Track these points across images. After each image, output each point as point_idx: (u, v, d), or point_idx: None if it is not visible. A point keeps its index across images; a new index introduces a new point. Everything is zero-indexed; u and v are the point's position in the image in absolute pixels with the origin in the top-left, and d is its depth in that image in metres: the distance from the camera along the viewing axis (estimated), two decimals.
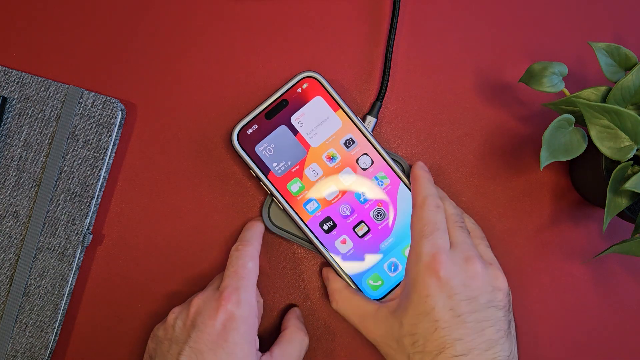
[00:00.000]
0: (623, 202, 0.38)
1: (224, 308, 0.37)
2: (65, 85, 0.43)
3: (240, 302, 0.37)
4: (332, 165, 0.42)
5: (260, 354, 0.38)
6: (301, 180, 0.42)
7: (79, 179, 0.42)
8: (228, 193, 0.44)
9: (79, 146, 0.42)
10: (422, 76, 0.46)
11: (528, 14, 0.47)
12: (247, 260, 0.39)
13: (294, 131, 0.42)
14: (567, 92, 0.41)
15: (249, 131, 0.42)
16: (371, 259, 0.42)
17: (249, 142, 0.42)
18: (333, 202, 0.42)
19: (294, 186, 0.42)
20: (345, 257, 0.42)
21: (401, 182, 0.43)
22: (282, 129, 0.42)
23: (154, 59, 0.45)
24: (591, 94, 0.40)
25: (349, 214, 0.42)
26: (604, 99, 0.39)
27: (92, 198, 0.42)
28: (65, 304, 0.42)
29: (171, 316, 0.39)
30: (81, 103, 0.42)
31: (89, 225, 0.42)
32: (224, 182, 0.44)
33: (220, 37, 0.45)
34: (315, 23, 0.46)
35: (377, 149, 0.43)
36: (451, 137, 0.46)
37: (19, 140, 0.42)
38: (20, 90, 0.43)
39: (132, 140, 0.44)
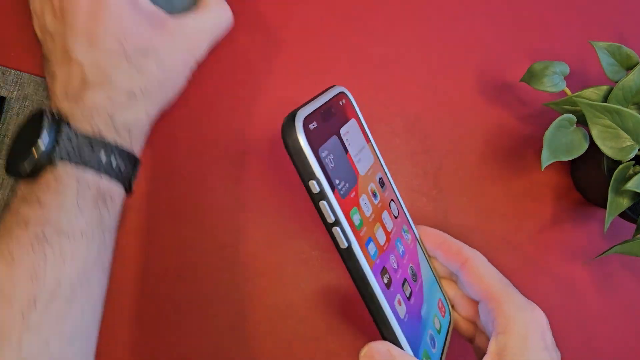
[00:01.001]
0: (624, 202, 0.38)
1: None
2: None
3: None
4: (376, 204, 0.32)
5: (164, 16, 0.35)
6: (359, 212, 0.30)
7: None
8: (228, 192, 0.44)
9: None
10: (423, 76, 0.46)
11: (529, 14, 0.47)
12: None
13: (345, 148, 0.31)
14: (568, 92, 0.41)
15: (311, 127, 0.28)
16: (420, 329, 0.32)
17: (313, 141, 0.28)
18: (385, 249, 0.31)
19: (355, 217, 0.29)
20: (403, 324, 0.30)
21: (417, 241, 0.36)
22: (335, 140, 0.30)
23: None
24: (592, 93, 0.40)
25: (396, 267, 0.32)
26: (605, 99, 0.39)
27: None
28: None
29: (36, 5, 0.36)
30: None
31: None
32: (223, 182, 0.44)
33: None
34: (314, 23, 0.46)
35: (399, 199, 0.35)
36: (452, 137, 0.45)
37: None
38: (18, 90, 0.42)
39: None
